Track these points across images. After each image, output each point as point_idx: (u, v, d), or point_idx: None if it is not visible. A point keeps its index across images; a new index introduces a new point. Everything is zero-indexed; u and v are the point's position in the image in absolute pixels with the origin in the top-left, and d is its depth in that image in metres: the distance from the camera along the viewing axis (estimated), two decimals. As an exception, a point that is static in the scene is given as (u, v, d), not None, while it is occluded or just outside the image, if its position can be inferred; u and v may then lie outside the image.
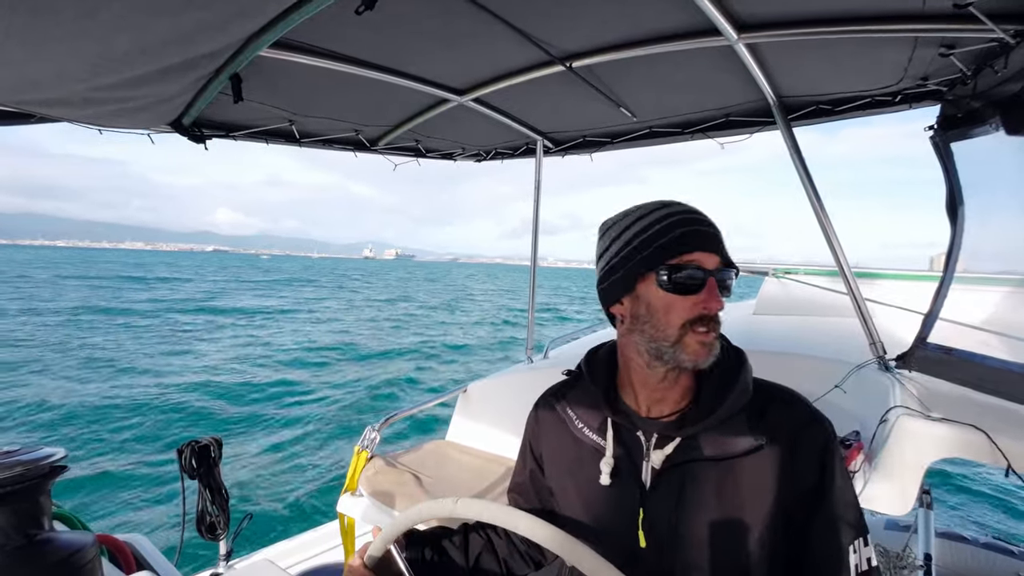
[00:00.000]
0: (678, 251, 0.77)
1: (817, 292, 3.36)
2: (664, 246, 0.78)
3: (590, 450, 0.88)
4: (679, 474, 0.79)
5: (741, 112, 2.24)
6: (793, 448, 0.77)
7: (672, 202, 0.83)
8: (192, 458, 1.90)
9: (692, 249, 0.78)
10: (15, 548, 0.75)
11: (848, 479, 0.79)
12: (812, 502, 0.76)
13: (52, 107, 1.42)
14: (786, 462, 0.76)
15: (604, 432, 0.87)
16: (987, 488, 6.08)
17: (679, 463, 0.80)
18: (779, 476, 0.76)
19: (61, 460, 0.81)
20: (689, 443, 0.80)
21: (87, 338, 16.61)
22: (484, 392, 2.73)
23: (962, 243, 1.89)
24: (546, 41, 1.70)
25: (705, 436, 0.79)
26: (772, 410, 0.80)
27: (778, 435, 0.77)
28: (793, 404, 0.82)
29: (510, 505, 0.99)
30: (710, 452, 0.78)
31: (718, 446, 0.78)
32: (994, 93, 1.58)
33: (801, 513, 0.76)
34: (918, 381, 1.85)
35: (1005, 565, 2.55)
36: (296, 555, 2.51)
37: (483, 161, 3.31)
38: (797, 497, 0.76)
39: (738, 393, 0.79)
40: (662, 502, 0.80)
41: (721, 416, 0.78)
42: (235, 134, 2.33)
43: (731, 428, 0.78)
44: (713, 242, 0.79)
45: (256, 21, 1.13)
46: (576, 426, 0.91)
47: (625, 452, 0.85)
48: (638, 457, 0.83)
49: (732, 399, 0.79)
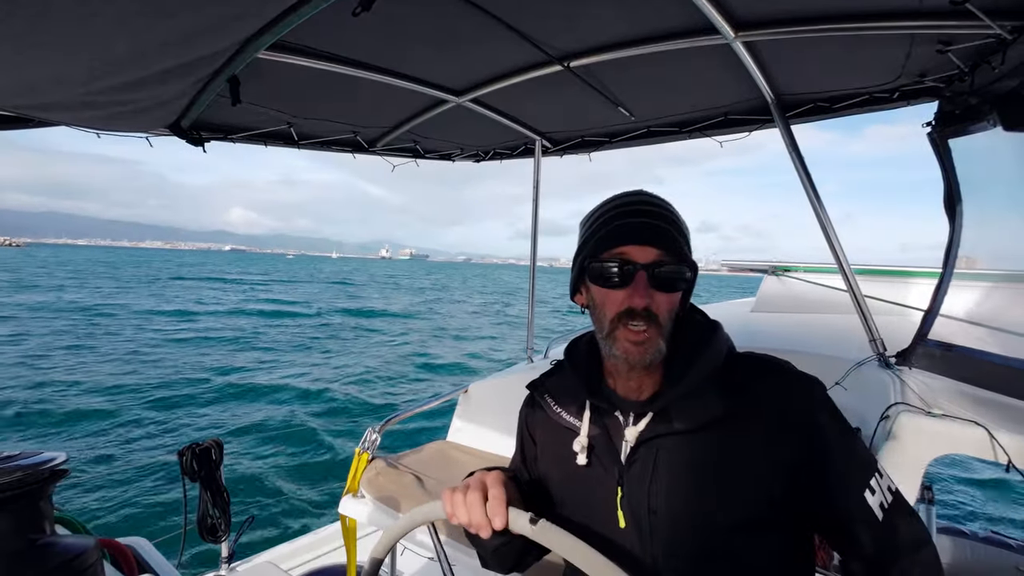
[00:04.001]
0: (608, 244, 0.77)
1: (816, 289, 3.36)
2: (600, 238, 0.79)
3: (569, 434, 0.86)
4: (652, 449, 0.78)
5: (739, 110, 2.24)
6: (779, 414, 0.74)
7: (630, 193, 0.82)
8: (193, 461, 1.90)
9: (621, 242, 0.76)
10: (17, 553, 0.75)
11: (846, 426, 0.77)
12: (813, 464, 0.73)
13: (50, 111, 1.42)
14: (770, 430, 0.74)
15: (581, 414, 0.86)
16: (987, 484, 6.09)
17: (650, 438, 0.78)
18: (763, 445, 0.74)
19: (62, 464, 0.81)
20: (660, 417, 0.78)
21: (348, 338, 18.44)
22: (485, 392, 2.73)
23: (961, 239, 1.90)
24: (544, 41, 1.70)
25: (675, 408, 0.77)
26: (751, 378, 0.77)
27: (759, 402, 0.75)
28: (774, 369, 0.79)
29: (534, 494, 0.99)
30: (680, 425, 0.76)
31: (688, 417, 0.76)
32: (991, 89, 1.58)
33: (806, 479, 0.73)
34: (918, 378, 1.85)
35: (1005, 559, 2.56)
36: (298, 557, 2.51)
37: (481, 161, 3.30)
38: (792, 464, 0.73)
39: (705, 360, 0.77)
40: (637, 481, 0.78)
41: (688, 385, 0.76)
42: (233, 136, 2.33)
43: (701, 397, 0.76)
44: (648, 235, 0.76)
45: (253, 23, 1.13)
46: (554, 410, 0.90)
47: (603, 432, 0.83)
48: (617, 437, 0.82)
49: (698, 366, 0.77)
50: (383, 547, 0.82)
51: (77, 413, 8.49)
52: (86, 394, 9.64)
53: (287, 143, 2.50)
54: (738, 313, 3.61)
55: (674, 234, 0.78)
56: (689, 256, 0.79)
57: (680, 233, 0.79)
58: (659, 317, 0.76)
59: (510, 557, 0.90)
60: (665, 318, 0.77)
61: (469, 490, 0.76)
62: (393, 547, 0.82)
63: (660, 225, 0.77)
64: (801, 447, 0.74)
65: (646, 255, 0.76)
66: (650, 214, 0.78)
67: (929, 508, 2.30)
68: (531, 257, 3.35)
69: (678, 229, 0.79)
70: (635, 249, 0.76)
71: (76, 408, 8.72)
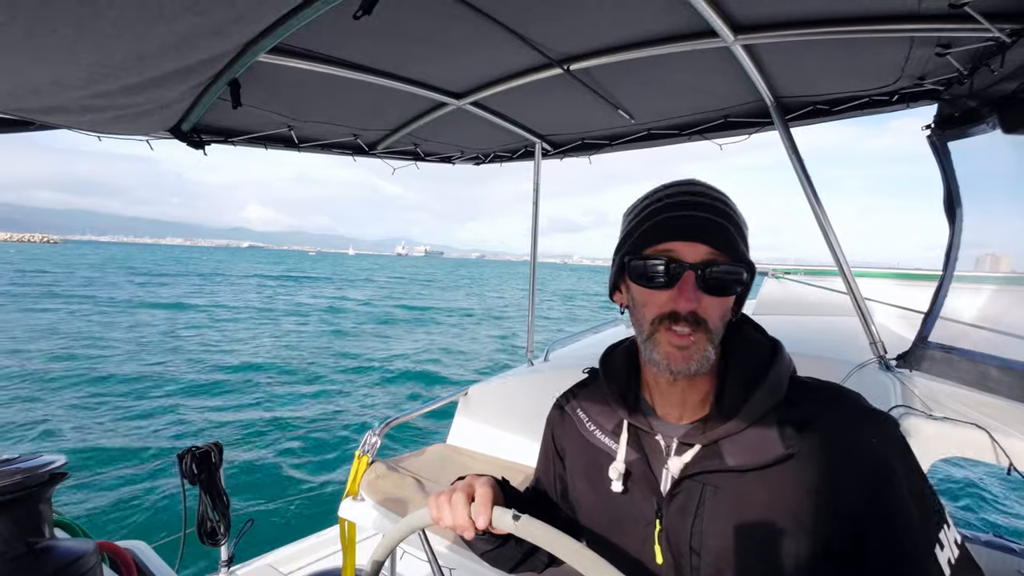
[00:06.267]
0: (653, 239, 0.68)
1: (817, 291, 3.36)
2: (644, 232, 0.70)
3: (603, 455, 0.79)
4: (698, 485, 0.70)
5: (739, 113, 2.24)
6: (847, 456, 0.64)
7: (680, 182, 0.72)
8: (192, 464, 1.90)
9: (667, 238, 0.67)
10: (16, 556, 0.75)
11: (919, 471, 0.67)
12: (882, 517, 0.63)
13: (51, 114, 1.42)
14: (835, 474, 0.64)
15: (618, 435, 0.78)
16: (989, 486, 6.07)
17: (698, 473, 0.69)
18: (826, 491, 0.64)
19: (61, 467, 0.81)
20: (711, 450, 0.69)
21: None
22: (485, 395, 2.73)
23: (961, 242, 1.90)
24: (543, 44, 1.71)
25: (729, 442, 0.68)
26: (812, 411, 0.67)
27: (820, 441, 0.65)
28: (843, 403, 0.69)
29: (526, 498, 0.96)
30: (733, 461, 0.67)
31: (743, 454, 0.67)
32: (991, 92, 1.58)
33: (871, 531, 0.63)
34: (919, 380, 1.85)
35: (1008, 563, 2.55)
36: (297, 560, 2.51)
37: (481, 164, 3.31)
38: (858, 515, 0.63)
39: (766, 391, 0.68)
40: (680, 516, 0.70)
41: (745, 419, 0.67)
42: (234, 140, 2.34)
43: (759, 433, 0.67)
44: (698, 231, 0.66)
45: (254, 27, 1.13)
46: (588, 429, 0.82)
47: (642, 458, 0.75)
48: (657, 464, 0.74)
49: (757, 398, 0.68)
50: (383, 551, 0.81)
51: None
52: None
53: (288, 146, 2.51)
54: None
55: (729, 229, 0.68)
56: (746, 255, 0.69)
57: (736, 229, 0.69)
58: (708, 322, 0.67)
59: (504, 562, 0.85)
60: (716, 324, 0.68)
61: (455, 492, 0.71)
62: (392, 552, 0.82)
63: (712, 219, 0.67)
64: (870, 496, 0.64)
65: (696, 253, 0.66)
66: (701, 206, 0.68)
67: None
68: (531, 257, 3.35)
69: (734, 224, 0.69)
70: (683, 246, 0.67)
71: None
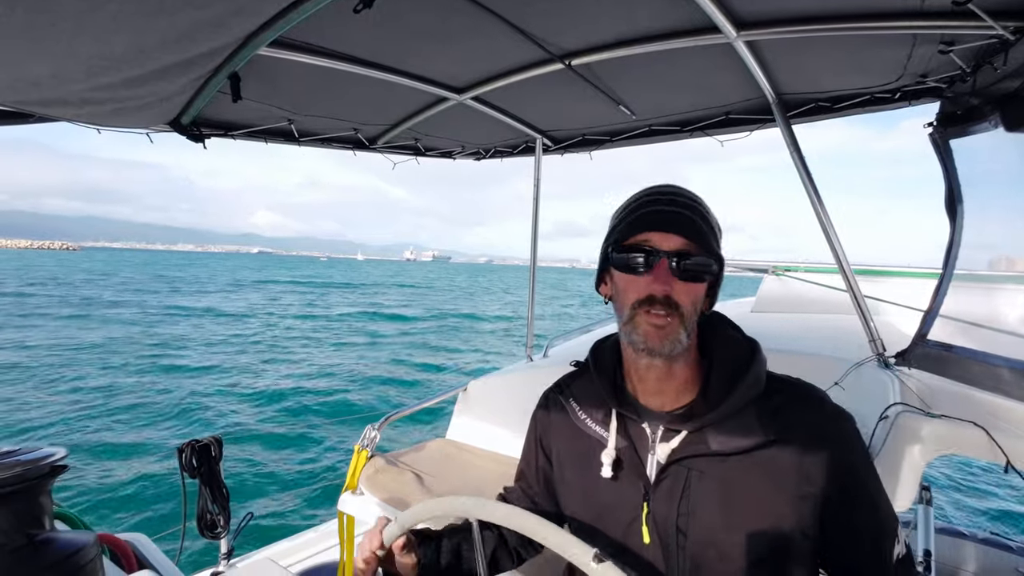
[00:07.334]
0: (632, 231, 0.77)
1: (816, 289, 3.36)
2: (625, 227, 0.78)
3: (593, 442, 0.85)
4: (684, 470, 0.76)
5: (740, 110, 2.23)
6: (810, 446, 0.73)
7: (659, 185, 0.81)
8: (192, 457, 1.90)
9: (644, 229, 0.76)
10: (16, 548, 0.75)
11: (872, 466, 0.77)
12: (843, 503, 0.73)
13: (50, 107, 1.42)
14: (802, 460, 0.73)
15: (608, 423, 0.84)
16: (986, 484, 6.09)
17: (684, 457, 0.77)
18: (794, 474, 0.73)
19: (61, 460, 0.81)
20: (695, 437, 0.77)
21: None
22: (484, 390, 2.73)
23: (961, 240, 1.89)
24: (545, 39, 1.70)
25: (712, 430, 0.76)
26: (786, 405, 0.76)
27: (792, 432, 0.74)
28: (809, 399, 0.78)
29: (516, 495, 1.00)
30: (717, 447, 0.75)
31: (725, 440, 0.74)
32: (993, 90, 1.58)
33: (833, 515, 0.73)
34: (917, 378, 1.85)
35: (1004, 560, 2.56)
36: (296, 554, 2.51)
37: (482, 159, 3.30)
38: (823, 499, 0.73)
39: (747, 385, 0.76)
40: (666, 498, 0.77)
41: (729, 409, 0.75)
42: (234, 133, 2.33)
43: (740, 422, 0.75)
44: (673, 223, 0.75)
45: (254, 20, 1.12)
46: (579, 417, 0.88)
47: (630, 445, 0.82)
48: (643, 450, 0.81)
49: (740, 391, 0.75)
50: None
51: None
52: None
53: (288, 140, 2.50)
54: (738, 313, 3.60)
55: (701, 224, 0.76)
56: (716, 249, 0.77)
57: (707, 224, 0.77)
58: (681, 307, 0.74)
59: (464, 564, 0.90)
60: (689, 310, 0.75)
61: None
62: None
63: (686, 214, 0.76)
64: (834, 484, 0.73)
65: (670, 243, 0.75)
66: (677, 203, 0.77)
67: (927, 509, 2.30)
68: (531, 258, 3.35)
69: (706, 221, 0.77)
70: (658, 236, 0.75)
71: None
